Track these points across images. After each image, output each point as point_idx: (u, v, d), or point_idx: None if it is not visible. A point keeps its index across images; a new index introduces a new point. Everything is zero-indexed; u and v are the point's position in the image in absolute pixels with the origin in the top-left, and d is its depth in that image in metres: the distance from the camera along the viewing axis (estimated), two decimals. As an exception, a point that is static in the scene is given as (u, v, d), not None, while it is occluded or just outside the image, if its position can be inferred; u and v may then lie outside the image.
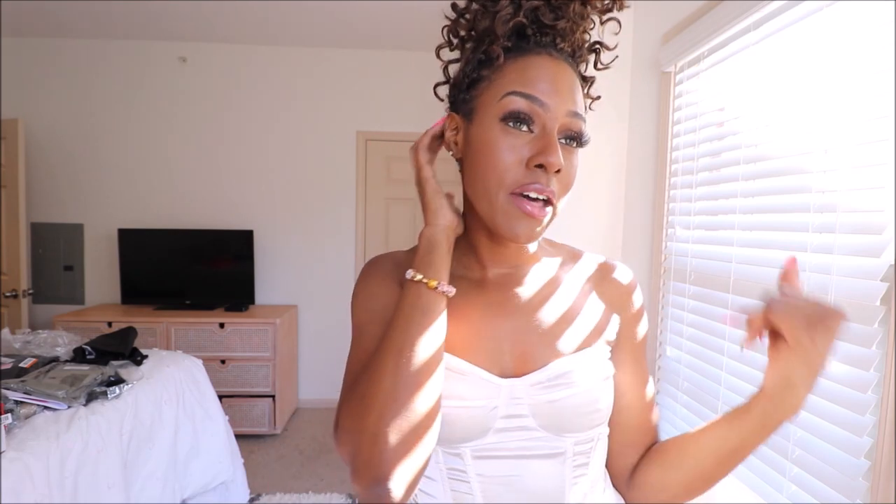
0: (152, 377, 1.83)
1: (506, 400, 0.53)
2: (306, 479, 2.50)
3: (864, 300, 0.91)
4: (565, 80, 0.51)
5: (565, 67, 0.53)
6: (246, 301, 3.18)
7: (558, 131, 0.51)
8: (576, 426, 0.54)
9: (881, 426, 0.87)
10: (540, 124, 0.50)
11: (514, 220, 0.51)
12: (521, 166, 0.50)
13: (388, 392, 0.46)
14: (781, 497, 1.10)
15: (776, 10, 1.15)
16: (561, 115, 0.50)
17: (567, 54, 0.55)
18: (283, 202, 3.36)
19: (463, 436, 0.53)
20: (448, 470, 0.55)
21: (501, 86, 0.52)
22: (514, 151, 0.50)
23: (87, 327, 2.77)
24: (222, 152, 3.32)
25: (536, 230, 0.52)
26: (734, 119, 1.33)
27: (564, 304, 0.58)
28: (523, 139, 0.50)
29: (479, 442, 0.53)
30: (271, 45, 3.25)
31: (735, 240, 1.30)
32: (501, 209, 0.51)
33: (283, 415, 3.05)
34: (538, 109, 0.50)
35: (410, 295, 0.51)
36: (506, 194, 0.51)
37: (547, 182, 0.50)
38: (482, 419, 0.52)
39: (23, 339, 1.85)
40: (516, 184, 0.50)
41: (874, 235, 0.91)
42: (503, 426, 0.53)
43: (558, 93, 0.50)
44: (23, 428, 1.36)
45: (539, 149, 0.49)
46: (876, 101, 0.91)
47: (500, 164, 0.50)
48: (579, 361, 0.55)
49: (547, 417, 0.53)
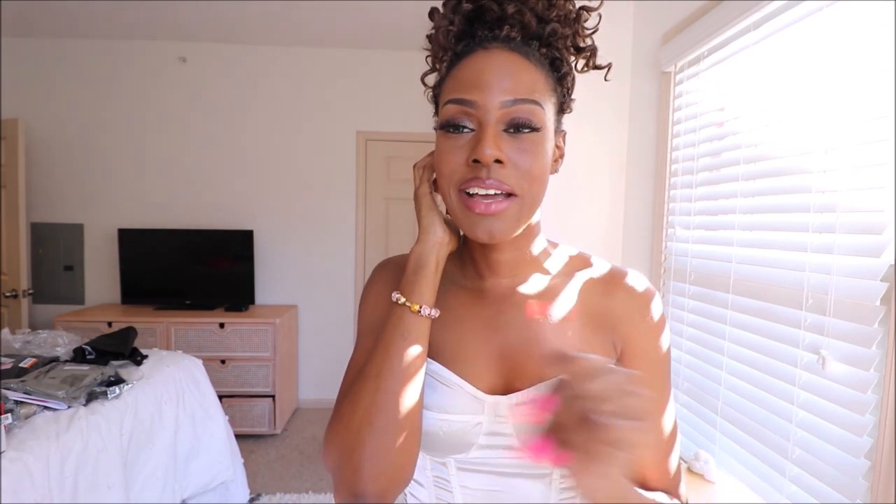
0: (152, 377, 1.83)
1: (489, 417, 0.52)
2: (306, 479, 2.50)
3: (864, 300, 0.91)
4: (496, 71, 0.49)
5: (501, 55, 0.50)
6: (246, 301, 3.18)
7: (500, 123, 0.49)
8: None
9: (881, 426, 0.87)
10: (475, 122, 0.50)
11: (467, 219, 0.51)
12: (463, 166, 0.50)
13: (364, 414, 0.48)
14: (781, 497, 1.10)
15: (776, 10, 1.15)
16: (493, 107, 0.49)
17: (517, 42, 0.52)
18: (283, 202, 3.36)
19: (446, 448, 0.53)
20: (434, 477, 0.56)
21: (442, 98, 0.53)
22: (455, 153, 0.50)
23: (87, 327, 2.77)
24: (222, 152, 3.32)
25: (496, 226, 0.50)
26: (734, 119, 1.33)
27: (558, 321, 0.55)
28: (463, 140, 0.50)
29: (463, 456, 0.53)
30: (271, 45, 3.25)
31: (735, 240, 1.30)
32: (456, 211, 0.52)
33: (283, 415, 3.05)
34: (468, 110, 0.50)
35: (394, 317, 0.52)
36: (456, 194, 0.51)
37: (488, 174, 0.48)
38: (464, 434, 0.52)
39: (23, 339, 1.85)
40: (461, 181, 0.50)
41: (874, 235, 0.91)
42: (486, 443, 0.52)
43: (487, 86, 0.49)
44: (23, 428, 1.36)
45: (472, 145, 0.49)
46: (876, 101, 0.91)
47: (446, 167, 0.51)
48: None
49: (526, 431, 0.51)
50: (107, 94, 3.24)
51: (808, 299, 1.05)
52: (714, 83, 1.42)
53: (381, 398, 0.48)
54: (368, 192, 3.40)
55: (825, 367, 0.99)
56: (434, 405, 0.53)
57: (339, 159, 3.37)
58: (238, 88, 3.29)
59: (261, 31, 3.06)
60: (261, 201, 3.35)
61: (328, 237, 3.40)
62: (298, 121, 3.33)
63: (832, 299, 0.98)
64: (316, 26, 2.96)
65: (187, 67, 3.25)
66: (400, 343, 0.50)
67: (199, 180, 3.32)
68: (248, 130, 3.31)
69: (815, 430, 1.03)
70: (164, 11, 2.79)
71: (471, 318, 0.57)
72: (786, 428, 1.10)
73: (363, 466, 0.47)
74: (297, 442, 2.93)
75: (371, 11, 2.72)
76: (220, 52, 3.25)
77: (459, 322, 0.56)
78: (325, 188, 3.37)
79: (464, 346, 0.55)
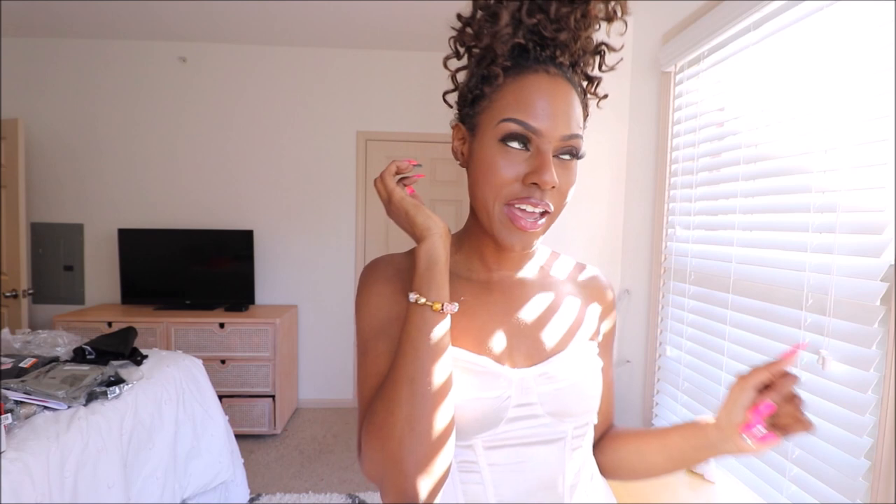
0: (152, 377, 1.83)
1: (518, 390, 0.57)
2: (306, 479, 2.50)
3: (864, 300, 0.91)
4: (561, 102, 0.53)
5: (563, 85, 0.54)
6: (246, 301, 3.18)
7: (554, 151, 0.54)
8: (576, 412, 0.59)
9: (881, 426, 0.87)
10: (535, 145, 0.53)
11: (507, 231, 0.55)
12: (517, 182, 0.54)
13: (405, 420, 0.48)
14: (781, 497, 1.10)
15: (776, 10, 1.15)
16: (555, 139, 0.53)
17: (566, 67, 0.56)
18: (283, 202, 3.36)
19: (478, 428, 0.55)
20: (459, 463, 0.57)
21: (500, 108, 0.54)
22: (510, 169, 0.54)
23: (87, 327, 2.77)
24: (222, 152, 3.32)
25: (529, 240, 0.56)
26: (734, 119, 1.33)
27: (561, 304, 0.64)
28: (520, 157, 0.53)
29: (492, 432, 0.56)
30: (271, 45, 3.25)
31: (735, 240, 1.30)
32: (498, 220, 0.56)
33: (283, 415, 3.05)
34: (532, 135, 0.53)
35: (416, 319, 0.52)
36: (501, 206, 0.55)
37: (541, 197, 0.53)
38: (496, 410, 0.55)
39: (23, 339, 1.85)
40: (512, 197, 0.54)
41: (874, 235, 0.91)
42: (515, 415, 0.56)
43: (553, 117, 0.53)
44: (23, 428, 1.36)
45: (534, 167, 0.53)
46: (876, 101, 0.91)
47: (498, 179, 0.54)
48: (579, 354, 0.61)
49: (552, 404, 0.57)
50: (107, 94, 3.24)
51: (808, 299, 1.05)
52: (714, 83, 1.42)
53: (420, 403, 0.49)
54: (368, 192, 3.40)
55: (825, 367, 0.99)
56: (465, 391, 0.54)
57: (339, 159, 3.37)
58: (238, 88, 3.29)
59: (261, 31, 3.06)
60: (261, 201, 3.35)
61: (328, 237, 3.40)
62: (298, 121, 3.33)
63: (832, 299, 0.98)
64: (316, 26, 2.96)
65: (187, 67, 3.25)
66: (429, 345, 0.51)
67: (199, 180, 3.32)
68: (248, 130, 3.31)
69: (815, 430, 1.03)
70: (164, 11, 2.79)
71: (483, 305, 0.60)
72: (786, 428, 1.10)
73: (410, 472, 0.48)
74: (297, 442, 2.93)
75: (371, 11, 2.72)
76: (220, 52, 3.25)
77: (473, 310, 0.59)
78: (325, 188, 3.37)
79: (482, 330, 0.58)
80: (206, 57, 3.25)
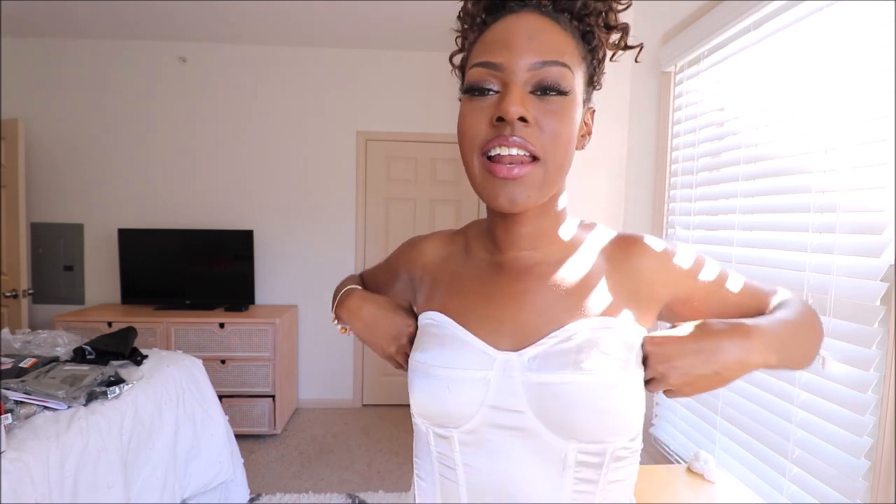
0: (152, 377, 1.83)
1: (499, 373, 0.50)
2: (306, 479, 2.50)
3: (864, 300, 0.91)
4: (525, 33, 0.48)
5: (531, 18, 0.49)
6: (246, 301, 3.18)
7: (527, 84, 0.48)
8: (578, 425, 0.47)
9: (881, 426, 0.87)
10: (501, 84, 0.49)
11: (489, 185, 0.50)
12: (487, 127, 0.49)
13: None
14: (781, 497, 1.10)
15: (776, 10, 1.15)
16: (521, 68, 0.48)
17: (549, 9, 0.51)
18: (283, 202, 3.36)
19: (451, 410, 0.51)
20: (438, 454, 0.55)
21: (469, 63, 0.52)
22: (478, 115, 0.49)
23: (87, 327, 2.77)
24: (222, 152, 3.32)
25: (518, 192, 0.49)
26: (734, 119, 1.33)
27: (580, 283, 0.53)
28: (487, 101, 0.49)
29: (469, 424, 0.51)
30: (271, 45, 3.25)
31: (735, 240, 1.30)
32: (478, 178, 0.51)
33: (283, 415, 3.05)
34: (494, 72, 0.49)
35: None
36: (478, 159, 0.50)
37: (512, 132, 0.47)
38: (471, 393, 0.50)
39: (23, 339, 1.85)
40: (484, 143, 0.49)
41: (874, 235, 0.91)
42: (494, 403, 0.50)
43: (515, 47, 0.48)
44: (23, 428, 1.36)
45: (497, 103, 0.48)
46: (876, 101, 0.91)
47: (469, 130, 0.50)
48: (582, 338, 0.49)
49: (541, 404, 0.48)
50: (107, 94, 3.23)
51: (808, 299, 1.05)
52: (714, 83, 1.42)
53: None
54: (368, 192, 3.40)
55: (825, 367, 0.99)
56: (444, 361, 0.52)
57: (339, 159, 3.36)
58: (238, 88, 3.29)
59: (261, 31, 3.06)
60: (261, 201, 3.35)
61: (328, 237, 3.40)
62: (298, 121, 3.33)
63: (832, 299, 0.98)
64: (316, 26, 2.96)
65: (187, 67, 3.25)
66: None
67: (200, 180, 3.32)
68: (248, 130, 3.31)
69: (815, 430, 1.03)
70: (164, 11, 2.79)
71: (485, 286, 0.56)
72: (786, 428, 1.10)
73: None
74: (297, 442, 2.93)
75: (371, 11, 2.72)
76: (220, 52, 3.25)
77: (473, 288, 0.57)
78: (325, 188, 3.37)
79: (476, 309, 0.55)
80: (206, 57, 3.25)
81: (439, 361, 0.52)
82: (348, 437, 2.99)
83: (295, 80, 3.29)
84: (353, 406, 3.47)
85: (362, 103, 3.33)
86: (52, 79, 3.19)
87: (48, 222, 3.26)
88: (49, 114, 3.21)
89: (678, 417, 1.58)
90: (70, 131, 3.23)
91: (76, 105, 3.22)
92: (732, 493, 1.13)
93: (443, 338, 0.54)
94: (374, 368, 3.48)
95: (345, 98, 3.32)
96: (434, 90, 3.28)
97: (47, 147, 3.22)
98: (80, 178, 3.26)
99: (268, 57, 3.27)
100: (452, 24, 0.58)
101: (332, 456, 2.75)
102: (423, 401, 0.53)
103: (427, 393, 0.52)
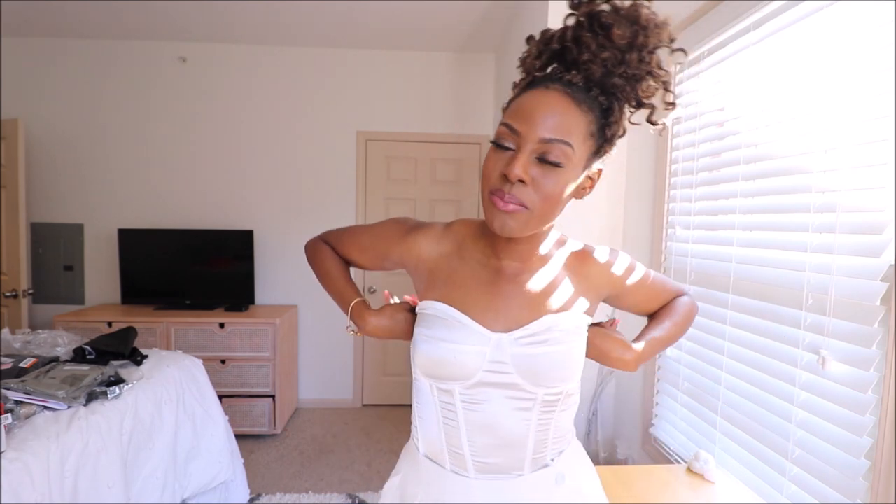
0: (152, 377, 1.83)
1: (493, 349, 0.68)
2: (306, 479, 2.50)
3: (864, 300, 0.91)
4: (545, 110, 0.61)
5: (555, 96, 0.61)
6: (246, 301, 3.18)
7: (534, 153, 0.61)
8: (547, 379, 0.67)
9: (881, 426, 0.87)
10: (516, 145, 0.62)
11: (490, 212, 0.65)
12: (499, 176, 0.63)
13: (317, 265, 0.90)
14: (781, 497, 1.10)
15: (776, 10, 1.15)
16: (532, 140, 0.61)
17: (576, 85, 0.62)
18: (283, 202, 3.36)
19: (456, 373, 0.68)
20: (441, 402, 0.71)
21: (503, 116, 0.66)
22: (495, 164, 0.63)
23: (87, 327, 2.77)
24: (222, 152, 3.31)
25: (509, 223, 0.63)
26: (734, 119, 1.33)
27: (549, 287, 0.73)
28: (505, 156, 0.63)
29: (468, 382, 0.68)
30: (271, 45, 3.25)
31: (735, 240, 1.30)
32: (486, 207, 0.66)
33: (283, 415, 3.05)
34: (513, 135, 0.62)
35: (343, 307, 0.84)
36: (487, 194, 0.65)
37: (509, 189, 0.61)
38: (472, 361, 0.68)
39: (23, 339, 1.85)
40: (492, 187, 0.64)
41: (874, 235, 0.91)
42: (489, 368, 0.68)
43: (532, 122, 0.60)
44: (23, 428, 1.36)
45: (509, 161, 0.62)
46: (876, 101, 0.91)
47: (486, 173, 0.65)
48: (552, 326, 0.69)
49: (524, 367, 0.67)
50: (107, 94, 3.23)
51: (808, 299, 1.05)
52: (714, 83, 1.42)
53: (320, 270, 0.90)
54: (368, 193, 3.40)
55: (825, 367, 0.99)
56: (450, 338, 0.68)
57: (339, 159, 3.36)
58: (238, 88, 3.29)
59: (261, 31, 3.06)
60: (261, 201, 3.35)
61: (328, 237, 3.39)
62: (298, 121, 3.33)
63: (832, 299, 0.98)
64: (316, 26, 2.96)
65: (187, 67, 3.25)
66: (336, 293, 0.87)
67: (199, 180, 3.32)
68: (248, 130, 3.31)
69: (815, 430, 1.03)
70: (164, 11, 2.79)
71: (484, 284, 0.72)
72: (786, 428, 1.10)
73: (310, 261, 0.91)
74: (297, 442, 2.93)
75: (371, 11, 2.72)
76: (220, 52, 3.25)
77: (473, 284, 0.73)
78: (325, 188, 3.37)
79: (474, 300, 0.71)
80: (206, 57, 3.25)
81: (446, 337, 0.69)
82: (348, 437, 2.99)
83: (295, 80, 3.29)
84: (352, 406, 3.47)
85: (362, 103, 3.33)
86: (52, 79, 3.19)
87: (48, 222, 3.26)
88: (49, 114, 3.20)
89: (678, 417, 1.58)
90: (70, 131, 3.23)
91: (76, 105, 3.22)
92: (732, 493, 1.13)
93: (448, 320, 0.70)
94: (374, 368, 3.49)
95: (345, 98, 3.32)
96: (434, 90, 3.28)
97: (47, 147, 3.22)
98: (80, 178, 3.26)
99: (268, 57, 3.27)
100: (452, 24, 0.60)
101: (331, 456, 2.75)
102: (430, 364, 0.69)
103: (435, 359, 0.69)
